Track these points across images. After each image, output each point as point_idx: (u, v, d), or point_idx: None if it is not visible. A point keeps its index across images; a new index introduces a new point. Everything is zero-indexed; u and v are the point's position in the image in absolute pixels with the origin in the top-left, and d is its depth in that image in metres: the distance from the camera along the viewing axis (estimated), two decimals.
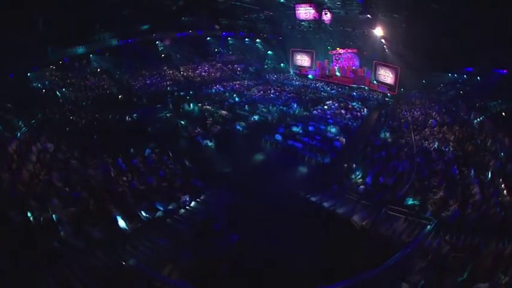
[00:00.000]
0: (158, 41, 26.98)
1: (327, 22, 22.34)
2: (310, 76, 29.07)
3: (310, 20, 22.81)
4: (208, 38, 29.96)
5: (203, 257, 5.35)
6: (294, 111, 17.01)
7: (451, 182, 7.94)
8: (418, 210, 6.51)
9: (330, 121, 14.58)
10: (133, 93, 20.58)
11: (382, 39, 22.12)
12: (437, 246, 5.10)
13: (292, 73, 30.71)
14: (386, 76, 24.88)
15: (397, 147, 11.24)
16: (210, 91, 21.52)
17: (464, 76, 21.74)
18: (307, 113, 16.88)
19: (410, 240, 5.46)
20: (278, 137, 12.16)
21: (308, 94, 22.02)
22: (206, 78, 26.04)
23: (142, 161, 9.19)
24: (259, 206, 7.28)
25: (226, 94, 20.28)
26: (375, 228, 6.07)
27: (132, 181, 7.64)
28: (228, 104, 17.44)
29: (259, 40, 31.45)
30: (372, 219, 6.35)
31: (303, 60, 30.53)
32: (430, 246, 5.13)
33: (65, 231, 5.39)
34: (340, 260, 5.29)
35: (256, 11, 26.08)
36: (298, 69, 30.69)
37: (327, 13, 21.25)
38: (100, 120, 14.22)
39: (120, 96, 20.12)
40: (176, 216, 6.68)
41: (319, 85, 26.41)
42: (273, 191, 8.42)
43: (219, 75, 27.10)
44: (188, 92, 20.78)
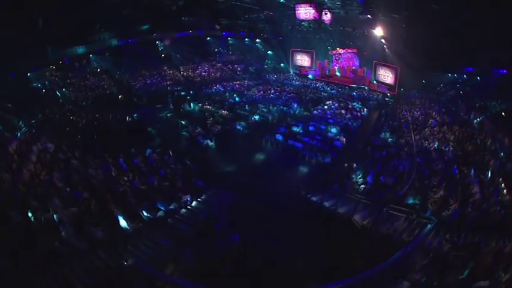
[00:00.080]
0: (158, 41, 26.99)
1: (327, 22, 22.34)
2: (310, 76, 29.09)
3: (310, 20, 22.81)
4: (208, 38, 29.97)
5: (204, 257, 5.37)
6: (294, 111, 17.04)
7: (451, 181, 7.97)
8: (418, 209, 6.53)
9: (330, 121, 14.60)
10: (133, 93, 20.57)
11: (382, 39, 22.13)
12: (438, 245, 5.13)
13: (292, 73, 30.72)
14: (386, 76, 24.90)
15: (397, 147, 11.27)
16: (210, 91, 21.53)
17: (464, 76, 21.77)
18: (307, 113, 16.90)
19: (411, 239, 5.49)
20: (279, 137, 12.18)
21: (308, 94, 22.03)
22: (206, 78, 26.05)
23: (143, 160, 9.20)
24: (260, 205, 7.30)
25: (227, 94, 20.27)
26: (376, 228, 6.09)
27: (133, 181, 7.65)
28: (228, 103, 17.45)
29: (259, 40, 31.46)
30: (373, 218, 6.37)
31: (303, 60, 30.55)
32: (431, 244, 5.15)
33: (66, 231, 5.39)
34: (341, 259, 5.31)
35: (256, 11, 26.08)
36: (298, 69, 30.69)
37: (327, 13, 21.26)
38: (100, 120, 14.21)
39: (120, 96, 20.10)
40: (177, 216, 6.70)
41: (319, 85, 26.42)
42: (274, 190, 8.44)
43: (219, 75, 27.11)
44: (188, 92, 20.78)
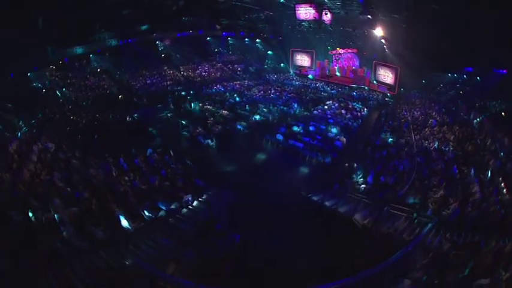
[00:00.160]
0: (158, 41, 26.98)
1: (327, 22, 22.34)
2: (310, 76, 29.10)
3: (310, 20, 22.82)
4: (208, 38, 29.97)
5: (206, 257, 5.38)
6: (294, 111, 17.05)
7: (451, 181, 8.00)
8: (419, 208, 6.55)
9: (330, 121, 14.61)
10: (133, 93, 20.57)
11: (382, 40, 22.15)
12: (439, 244, 5.15)
13: (292, 73, 30.73)
14: (386, 76, 24.92)
15: (397, 147, 11.29)
16: (210, 91, 21.53)
17: (464, 76, 21.80)
18: (307, 113, 16.92)
19: (411, 238, 5.51)
20: (279, 137, 12.19)
21: (308, 94, 22.05)
22: (206, 78, 26.05)
23: (144, 160, 9.20)
24: (261, 205, 7.31)
25: (227, 94, 20.28)
26: (377, 227, 6.10)
27: (134, 181, 7.66)
28: (228, 103, 17.45)
29: (259, 40, 31.47)
30: (374, 217, 6.39)
31: (303, 60, 30.57)
32: (431, 244, 5.18)
33: (67, 231, 5.40)
34: (341, 258, 5.32)
35: (256, 11, 26.08)
36: (298, 69, 30.71)
37: (327, 13, 21.25)
38: (100, 120, 14.21)
39: (120, 96, 20.10)
40: (179, 215, 6.71)
41: (319, 85, 26.43)
42: (275, 190, 8.45)
43: (219, 75, 27.11)
44: (189, 92, 20.78)
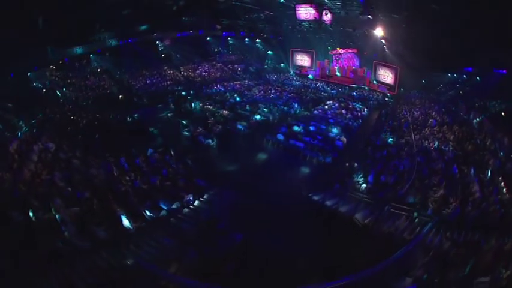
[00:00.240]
0: (158, 41, 26.97)
1: (327, 22, 22.34)
2: (310, 76, 29.12)
3: (311, 20, 22.83)
4: (208, 38, 29.97)
5: (207, 256, 5.39)
6: (294, 111, 17.07)
7: (451, 180, 8.02)
8: (419, 208, 6.58)
9: (330, 121, 14.64)
10: (133, 93, 20.57)
11: (382, 40, 22.17)
12: (439, 243, 5.18)
13: (292, 73, 30.74)
14: (386, 76, 24.95)
15: (397, 147, 11.32)
16: (210, 91, 21.54)
17: (464, 76, 21.83)
18: (308, 113, 16.94)
19: (412, 237, 5.53)
20: (280, 137, 12.21)
21: (308, 94, 22.06)
22: (206, 78, 26.05)
23: (144, 160, 9.22)
24: (262, 205, 7.32)
25: (227, 94, 20.30)
26: (377, 226, 6.13)
27: (135, 180, 7.67)
28: (229, 103, 17.46)
29: (259, 40, 31.47)
30: (374, 217, 6.41)
31: (303, 60, 30.57)
32: (432, 242, 5.20)
33: (69, 231, 5.40)
34: (342, 258, 5.34)
35: (256, 11, 26.07)
36: (298, 69, 30.72)
37: (327, 13, 21.27)
38: (101, 120, 14.22)
39: (120, 96, 20.10)
40: (180, 215, 6.73)
41: (319, 85, 26.44)
42: (275, 190, 8.46)
43: (220, 75, 27.11)
44: (189, 92, 20.79)
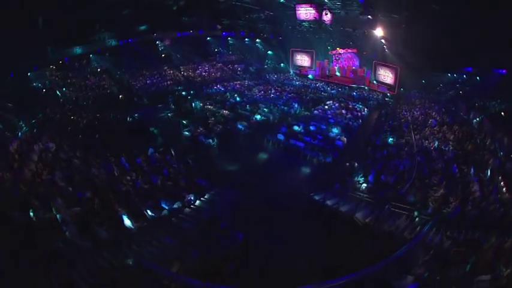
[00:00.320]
0: (158, 41, 26.97)
1: (327, 22, 22.36)
2: (310, 76, 29.14)
3: (311, 20, 22.85)
4: (208, 38, 29.98)
5: (208, 256, 5.40)
6: (295, 111, 17.10)
7: (451, 180, 8.05)
8: (419, 207, 6.60)
9: (331, 121, 14.65)
10: (133, 93, 20.57)
11: (382, 40, 22.19)
12: (439, 242, 5.20)
13: (292, 73, 30.76)
14: (386, 76, 24.98)
15: (397, 147, 11.35)
16: (210, 91, 21.55)
17: (464, 76, 21.86)
18: (308, 113, 16.96)
19: (412, 236, 5.55)
20: (280, 137, 12.23)
21: (308, 94, 22.09)
22: (206, 78, 26.06)
23: (145, 160, 9.22)
24: (263, 204, 7.34)
25: (227, 94, 20.32)
26: (378, 225, 6.15)
27: (136, 180, 7.68)
28: (229, 103, 17.49)
29: (259, 40, 31.48)
30: (375, 216, 6.43)
31: (303, 60, 30.60)
32: (432, 241, 5.23)
33: (70, 231, 5.40)
34: (343, 257, 5.35)
35: (256, 11, 26.07)
36: (298, 69, 30.74)
37: (327, 13, 21.28)
38: (101, 120, 14.22)
39: (120, 96, 20.10)
40: (181, 215, 6.73)
41: (319, 85, 26.47)
42: (276, 189, 8.49)
43: (220, 75, 27.12)
44: (189, 91, 20.81)
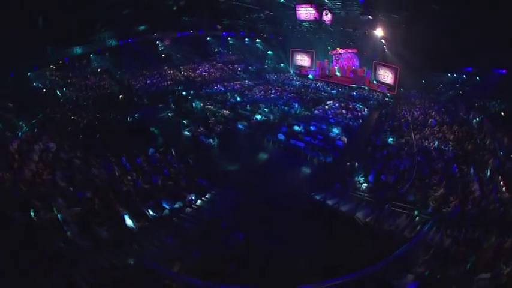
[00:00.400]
0: (158, 41, 26.98)
1: (327, 22, 22.36)
2: (310, 76, 29.16)
3: (311, 20, 22.86)
4: (208, 38, 29.99)
5: (209, 255, 5.41)
6: (295, 111, 17.12)
7: (451, 179, 8.09)
8: (419, 206, 6.62)
9: (331, 121, 14.67)
10: (134, 93, 20.57)
11: (382, 40, 22.22)
12: (440, 241, 5.22)
13: (292, 73, 30.78)
14: (386, 76, 25.01)
15: (397, 147, 11.38)
16: (211, 91, 21.56)
17: (464, 76, 21.89)
18: (308, 113, 16.98)
19: (412, 235, 5.57)
20: (281, 137, 12.24)
21: (309, 94, 22.11)
22: (207, 78, 26.07)
23: (146, 160, 9.23)
24: (263, 204, 7.36)
25: (228, 94, 20.33)
26: (379, 225, 6.17)
27: (137, 180, 7.68)
28: (229, 103, 17.50)
29: (259, 40, 31.51)
30: (375, 215, 6.45)
31: (303, 60, 30.62)
32: (433, 240, 5.25)
33: (71, 231, 5.40)
34: (344, 256, 5.37)
35: (256, 11, 26.08)
36: (298, 69, 30.76)
37: (328, 13, 21.28)
38: (101, 120, 14.22)
39: (120, 96, 20.09)
40: (182, 214, 6.75)
41: (319, 85, 26.50)
42: (276, 189, 8.51)
43: (220, 75, 27.13)
44: (189, 91, 20.82)
